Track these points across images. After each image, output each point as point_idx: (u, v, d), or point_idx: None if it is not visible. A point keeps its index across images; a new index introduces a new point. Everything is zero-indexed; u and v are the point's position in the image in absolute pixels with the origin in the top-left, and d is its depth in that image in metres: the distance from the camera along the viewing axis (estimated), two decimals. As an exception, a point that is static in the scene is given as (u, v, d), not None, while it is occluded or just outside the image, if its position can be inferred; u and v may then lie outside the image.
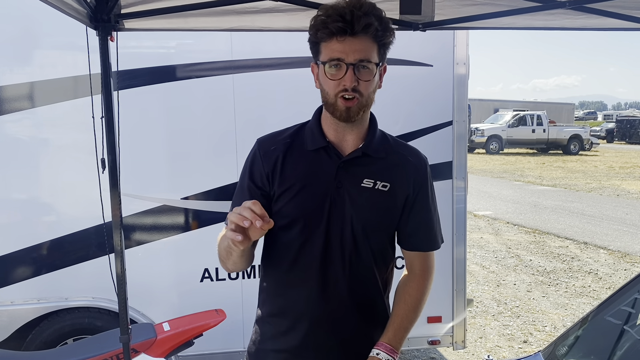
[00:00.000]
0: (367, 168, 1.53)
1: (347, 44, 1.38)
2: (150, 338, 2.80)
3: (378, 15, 1.41)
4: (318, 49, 1.45)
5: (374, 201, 1.52)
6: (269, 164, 1.53)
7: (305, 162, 1.53)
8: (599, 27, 2.41)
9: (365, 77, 1.41)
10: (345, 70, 1.39)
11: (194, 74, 3.31)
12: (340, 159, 1.51)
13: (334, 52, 1.39)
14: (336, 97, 1.42)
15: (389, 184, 1.53)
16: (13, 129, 3.20)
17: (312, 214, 1.50)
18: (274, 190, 1.53)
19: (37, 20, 3.11)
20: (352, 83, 1.39)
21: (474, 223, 9.79)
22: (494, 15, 2.25)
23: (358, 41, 1.39)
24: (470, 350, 4.58)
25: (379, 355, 1.50)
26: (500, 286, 6.38)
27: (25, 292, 3.26)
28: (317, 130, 1.54)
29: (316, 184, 1.51)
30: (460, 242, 3.73)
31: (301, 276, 1.54)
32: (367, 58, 1.40)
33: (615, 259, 7.52)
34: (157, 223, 3.37)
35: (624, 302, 1.83)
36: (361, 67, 1.40)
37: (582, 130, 26.64)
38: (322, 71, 1.43)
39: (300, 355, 1.55)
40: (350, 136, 1.53)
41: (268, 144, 1.57)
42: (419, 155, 1.63)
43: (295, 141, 1.56)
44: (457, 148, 3.64)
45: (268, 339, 1.61)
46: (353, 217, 1.50)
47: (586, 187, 14.26)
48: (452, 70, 3.57)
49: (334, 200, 1.50)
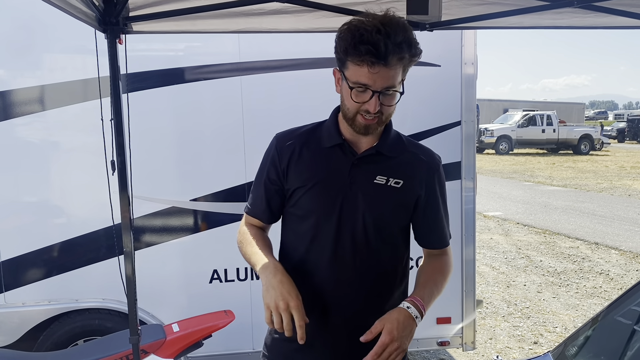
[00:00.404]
0: (380, 165, 1.56)
1: (377, 74, 1.37)
2: (159, 339, 2.81)
3: (409, 41, 1.39)
4: (344, 63, 1.43)
5: (386, 197, 1.55)
6: (285, 159, 1.58)
7: (320, 158, 1.56)
8: (608, 26, 2.39)
9: (389, 103, 1.45)
10: (371, 96, 1.40)
11: (202, 76, 3.32)
12: (355, 157, 1.54)
13: (361, 77, 1.39)
14: (356, 114, 1.45)
15: (402, 180, 1.56)
16: (24, 132, 3.23)
17: (325, 208, 1.54)
18: (289, 185, 1.58)
19: (46, 24, 3.14)
20: (376, 108, 1.41)
21: (484, 224, 9.74)
22: (502, 14, 2.24)
23: (387, 70, 1.38)
24: (480, 351, 4.55)
25: (409, 309, 1.47)
26: (511, 287, 6.34)
27: (36, 294, 3.29)
28: (333, 129, 1.57)
29: (330, 179, 1.54)
30: (470, 243, 3.71)
31: (313, 268, 1.58)
32: (393, 85, 1.41)
33: (626, 260, 7.45)
34: (167, 224, 3.39)
35: (634, 302, 1.82)
36: (386, 94, 1.42)
37: (593, 130, 26.42)
38: (346, 88, 1.43)
39: (311, 345, 1.56)
40: (366, 137, 1.55)
41: (285, 140, 1.61)
42: (432, 155, 1.65)
43: (312, 138, 1.60)
44: (465, 148, 3.62)
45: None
46: (365, 212, 1.54)
47: (597, 187, 14.14)
48: (460, 70, 3.55)
49: (346, 195, 1.53)
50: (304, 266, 1.59)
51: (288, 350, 1.63)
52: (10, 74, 3.18)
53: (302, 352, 1.59)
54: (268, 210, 1.64)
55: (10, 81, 3.16)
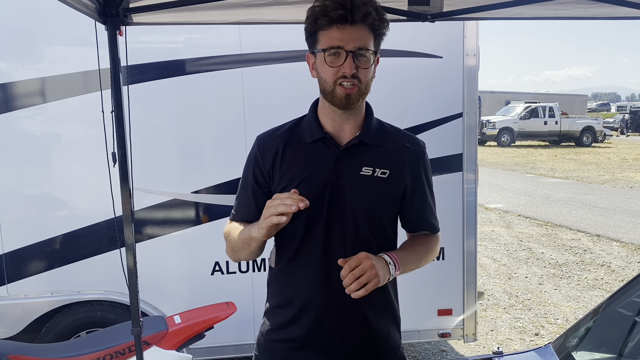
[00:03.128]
0: (365, 156, 1.56)
1: (347, 32, 1.42)
2: (161, 330, 2.82)
3: (375, 6, 1.46)
4: (316, 38, 1.48)
5: (373, 188, 1.55)
6: (268, 160, 1.57)
7: (304, 154, 1.56)
8: (611, 16, 2.36)
9: (364, 65, 1.45)
10: (345, 57, 1.43)
11: (202, 68, 3.32)
12: (339, 149, 1.54)
13: (333, 40, 1.43)
14: (335, 84, 1.45)
15: (388, 170, 1.56)
16: (25, 125, 3.23)
17: (313, 204, 1.49)
18: (276, 185, 1.57)
19: (46, 16, 3.13)
20: (351, 70, 1.43)
21: (486, 216, 9.74)
22: (503, 5, 2.22)
23: (357, 30, 1.43)
24: (481, 343, 4.57)
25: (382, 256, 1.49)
26: (512, 279, 6.35)
27: (38, 286, 3.30)
28: (314, 123, 1.57)
29: (316, 175, 1.53)
30: (471, 235, 3.71)
31: (305, 266, 1.57)
32: (365, 46, 1.44)
33: (628, 252, 7.46)
34: (168, 217, 3.40)
35: (635, 294, 1.82)
36: (360, 55, 1.44)
37: (595, 122, 26.34)
38: (321, 59, 1.46)
39: (307, 344, 1.57)
40: (348, 126, 1.56)
41: (266, 140, 1.61)
42: (416, 141, 1.65)
43: (293, 135, 1.59)
44: (467, 140, 3.62)
45: (275, 330, 1.64)
46: (354, 206, 1.54)
47: (599, 179, 14.13)
48: (462, 62, 3.54)
49: (333, 189, 1.53)
50: (296, 263, 1.59)
51: (283, 350, 1.62)
52: (10, 66, 3.18)
53: (296, 351, 1.59)
54: (259, 213, 1.53)
55: (11, 73, 3.16)
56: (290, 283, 1.61)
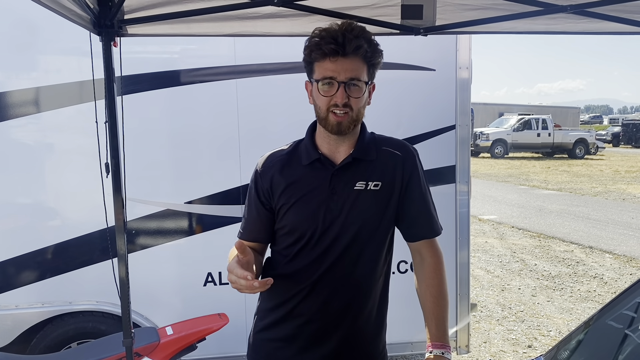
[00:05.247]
0: (359, 171, 1.60)
1: (339, 64, 1.49)
2: (153, 342, 2.81)
3: (368, 38, 1.52)
4: (312, 69, 1.55)
5: (368, 202, 1.59)
6: (267, 180, 1.63)
7: (301, 175, 1.61)
8: (600, 32, 2.40)
9: (355, 94, 1.51)
10: (337, 88, 1.49)
11: (197, 79, 3.33)
12: (334, 167, 1.59)
13: (326, 71, 1.50)
14: (328, 112, 1.52)
15: (380, 182, 1.60)
16: (18, 134, 3.22)
17: (308, 221, 1.58)
18: (275, 204, 1.63)
19: (41, 26, 3.14)
20: (343, 99, 1.49)
21: (479, 227, 9.76)
22: (495, 19, 2.25)
23: (349, 61, 1.49)
24: (474, 355, 4.56)
25: (431, 354, 1.55)
26: (505, 290, 6.36)
27: (29, 296, 3.28)
28: (310, 146, 1.63)
29: (312, 193, 1.59)
30: (464, 246, 3.72)
31: (298, 281, 1.62)
32: (357, 77, 1.50)
33: (620, 264, 7.48)
34: (161, 227, 3.39)
35: (625, 306, 1.83)
36: (352, 85, 1.50)
37: (588, 134, 26.54)
38: (316, 88, 1.53)
39: (294, 343, 1.63)
40: (343, 147, 1.61)
41: (267, 162, 1.68)
42: (405, 147, 1.69)
43: (292, 157, 1.65)
44: (460, 152, 3.64)
45: (264, 330, 1.71)
46: (348, 219, 1.58)
47: (592, 191, 14.20)
48: (454, 75, 3.57)
49: (328, 207, 1.58)
50: (289, 281, 1.62)
51: (271, 349, 1.68)
52: (4, 76, 3.18)
53: (283, 349, 1.65)
54: (264, 229, 1.68)
55: (5, 83, 3.16)
56: (282, 294, 1.65)
